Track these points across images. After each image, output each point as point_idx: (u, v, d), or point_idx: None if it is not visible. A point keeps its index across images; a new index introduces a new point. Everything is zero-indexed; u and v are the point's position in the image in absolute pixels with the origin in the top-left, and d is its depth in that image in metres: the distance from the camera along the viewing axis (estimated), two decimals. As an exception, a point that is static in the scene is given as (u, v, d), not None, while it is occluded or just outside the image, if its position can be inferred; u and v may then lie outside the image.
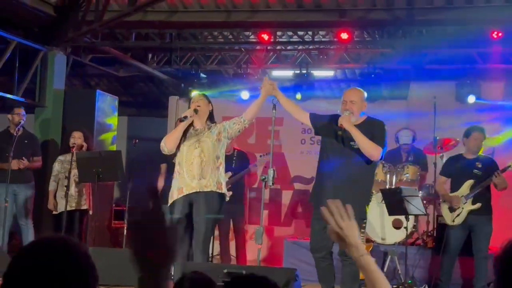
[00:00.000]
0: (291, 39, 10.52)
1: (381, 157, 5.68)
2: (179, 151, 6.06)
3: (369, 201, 5.70)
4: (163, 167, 8.96)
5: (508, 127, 9.75)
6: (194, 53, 11.22)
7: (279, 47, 10.92)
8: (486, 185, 7.19)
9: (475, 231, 7.25)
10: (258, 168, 8.95)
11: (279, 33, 10.22)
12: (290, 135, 10.62)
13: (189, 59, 11.27)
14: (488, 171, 7.20)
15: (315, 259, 5.76)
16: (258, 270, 5.49)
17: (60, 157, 8.35)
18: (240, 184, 9.14)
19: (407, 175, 8.64)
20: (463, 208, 7.22)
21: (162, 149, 6.05)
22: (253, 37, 10.39)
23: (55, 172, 8.26)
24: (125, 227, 8.43)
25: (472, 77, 10.17)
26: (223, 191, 5.99)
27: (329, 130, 5.77)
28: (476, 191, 7.19)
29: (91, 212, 8.14)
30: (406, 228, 7.90)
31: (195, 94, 6.28)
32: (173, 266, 6.03)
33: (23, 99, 9.30)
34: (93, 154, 7.99)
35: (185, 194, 5.94)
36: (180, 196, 5.96)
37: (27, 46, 9.34)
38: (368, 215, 7.99)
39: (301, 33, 10.29)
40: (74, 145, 8.00)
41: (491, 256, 6.90)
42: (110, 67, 11.53)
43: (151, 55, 11.36)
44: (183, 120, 5.98)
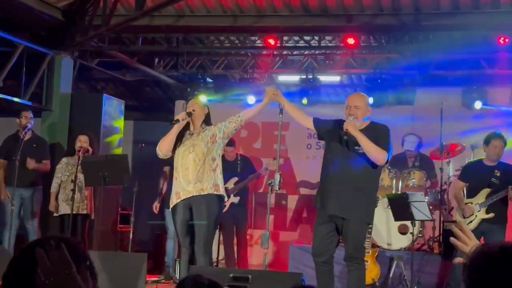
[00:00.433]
0: (298, 44, 10.53)
1: (386, 161, 5.68)
2: (175, 156, 6.08)
3: (375, 205, 5.69)
4: (167, 169, 8.97)
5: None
6: (200, 57, 11.24)
7: (285, 52, 10.94)
8: (501, 196, 7.07)
9: (487, 238, 7.21)
10: (269, 171, 8.95)
11: (285, 38, 10.24)
12: (296, 140, 10.62)
13: (195, 63, 11.29)
14: (506, 180, 7.07)
15: (316, 263, 5.77)
16: (264, 274, 5.48)
17: (64, 159, 8.35)
18: (244, 189, 9.15)
19: (413, 180, 8.63)
20: (476, 215, 7.16)
21: (158, 153, 6.07)
22: (259, 41, 10.40)
23: (58, 174, 8.25)
24: (131, 231, 8.43)
25: (478, 83, 10.17)
26: (220, 192, 5.98)
27: (333, 134, 5.78)
28: (490, 201, 7.11)
29: (92, 217, 8.15)
30: (412, 234, 7.89)
31: (191, 99, 6.31)
32: (177, 269, 6.08)
33: (30, 103, 9.32)
34: (99, 158, 7.99)
35: (183, 198, 5.95)
36: (179, 201, 5.98)
37: (34, 50, 9.36)
38: (374, 220, 8.05)
39: (307, 38, 10.30)
40: (80, 149, 8.00)
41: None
42: (117, 71, 11.55)
43: (157, 60, 11.40)
44: (175, 123, 5.99)
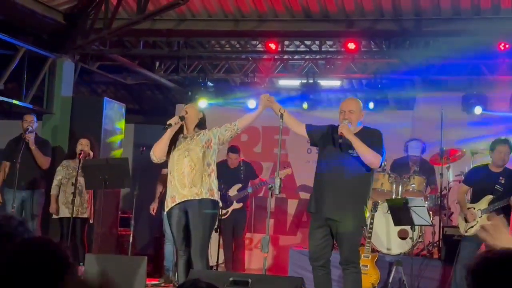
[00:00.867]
0: (298, 49, 10.56)
1: (380, 164, 5.75)
2: (169, 160, 6.10)
3: (366, 206, 5.78)
4: (165, 172, 8.99)
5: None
6: (201, 61, 11.27)
7: (286, 57, 10.96)
8: (503, 204, 7.05)
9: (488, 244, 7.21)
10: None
11: (286, 42, 10.27)
12: (296, 144, 10.61)
13: (196, 67, 11.31)
14: (510, 187, 7.06)
15: (314, 267, 5.81)
16: (264, 278, 5.49)
17: (65, 162, 8.37)
18: (244, 193, 9.18)
19: (413, 185, 8.64)
20: (477, 221, 7.15)
21: (152, 158, 6.10)
22: (260, 46, 10.43)
23: (58, 177, 8.27)
24: (131, 234, 8.44)
25: (479, 88, 10.19)
26: (215, 197, 6.01)
27: (326, 139, 5.84)
28: (492, 209, 7.09)
29: (91, 221, 8.16)
30: (411, 239, 7.91)
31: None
32: (176, 273, 6.09)
33: (31, 106, 9.33)
34: (100, 161, 8.01)
35: (178, 202, 5.98)
36: (174, 205, 6.01)
37: (35, 53, 9.38)
38: (374, 225, 8.08)
39: (308, 42, 10.33)
40: (81, 152, 8.02)
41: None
42: (118, 74, 11.58)
43: (158, 63, 11.42)
44: (167, 128, 6.00)
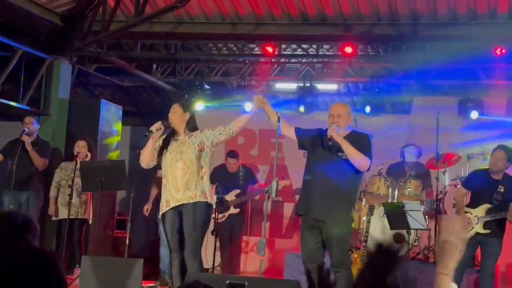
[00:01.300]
0: (295, 52, 10.57)
1: (369, 167, 5.81)
2: (163, 163, 6.11)
3: (354, 208, 5.84)
4: (160, 173, 8.99)
5: (511, 143, 9.76)
6: (198, 64, 11.28)
7: (283, 60, 10.97)
8: (500, 217, 7.04)
9: (483, 248, 7.23)
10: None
11: (283, 46, 10.29)
12: (293, 147, 10.51)
13: (193, 70, 11.33)
14: (508, 198, 7.02)
15: (307, 269, 5.86)
16: (260, 281, 5.50)
17: (63, 164, 8.38)
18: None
19: (409, 189, 8.66)
20: (473, 227, 7.15)
21: (141, 164, 6.13)
22: (257, 49, 10.45)
23: (57, 179, 8.28)
24: (127, 236, 8.44)
25: (475, 93, 10.22)
26: (208, 199, 6.01)
27: (316, 142, 5.91)
28: (489, 219, 7.09)
29: (90, 221, 8.15)
30: (407, 243, 7.92)
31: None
32: (173, 274, 6.09)
33: (28, 108, 9.34)
34: (97, 163, 8.01)
35: (172, 206, 6.00)
36: (168, 209, 6.02)
37: (33, 54, 9.38)
38: (370, 229, 8.09)
39: (305, 46, 10.35)
40: (78, 154, 8.02)
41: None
42: (115, 77, 11.58)
43: (155, 66, 11.43)
44: (148, 136, 6.00)
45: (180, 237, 6.00)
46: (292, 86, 11.25)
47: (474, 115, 10.07)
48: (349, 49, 9.44)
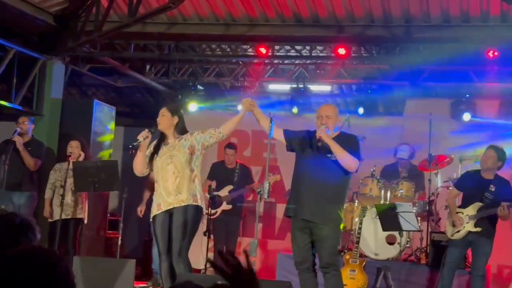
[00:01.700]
0: (289, 53, 10.58)
1: (357, 168, 5.83)
2: (154, 168, 6.13)
3: (343, 209, 5.87)
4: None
5: (503, 145, 9.78)
6: (192, 65, 11.28)
7: (276, 61, 10.98)
8: (491, 213, 7.07)
9: (474, 248, 7.25)
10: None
11: (276, 47, 10.29)
12: (285, 148, 10.63)
13: (186, 71, 11.32)
14: (499, 196, 7.05)
15: (299, 271, 5.90)
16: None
17: (57, 165, 8.35)
18: (239, 198, 9.17)
19: (401, 191, 8.69)
20: (464, 226, 7.19)
21: (135, 172, 6.15)
22: (250, 50, 10.45)
23: (51, 180, 8.25)
24: (119, 237, 8.43)
25: (467, 95, 10.25)
26: (198, 203, 6.02)
27: (304, 144, 5.94)
28: (480, 216, 7.11)
29: (86, 221, 8.12)
30: (399, 244, 7.95)
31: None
32: (162, 276, 6.09)
33: (20, 107, 9.31)
34: (89, 164, 7.99)
35: (163, 210, 6.02)
36: (159, 212, 6.04)
37: (25, 54, 9.35)
38: (362, 230, 8.11)
39: (298, 47, 10.35)
40: (71, 154, 8.01)
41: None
42: (108, 77, 11.56)
43: (149, 66, 11.42)
44: (136, 147, 5.99)
45: (170, 240, 6.01)
46: (285, 87, 11.26)
47: (467, 117, 10.11)
48: (342, 51, 9.46)
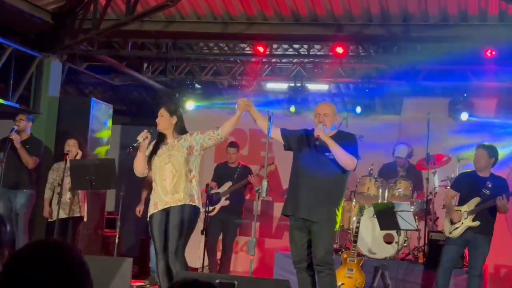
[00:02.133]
0: (287, 52, 10.57)
1: (355, 167, 5.82)
2: (152, 167, 6.14)
3: (340, 207, 5.86)
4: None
5: (500, 144, 9.79)
6: (189, 63, 11.26)
7: (274, 60, 10.97)
8: (490, 205, 7.08)
9: (471, 248, 7.26)
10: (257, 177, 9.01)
11: (274, 45, 10.28)
12: (283, 148, 10.62)
13: (184, 69, 11.30)
14: (497, 192, 7.08)
15: (298, 270, 5.91)
16: (250, 281, 5.50)
17: (55, 165, 8.33)
18: (239, 198, 9.14)
19: (399, 190, 8.68)
20: (462, 222, 7.20)
21: (135, 173, 6.19)
22: (248, 49, 10.44)
23: (50, 180, 8.22)
24: (116, 235, 8.41)
25: (465, 94, 10.25)
26: (195, 203, 6.04)
27: (302, 142, 5.94)
28: (479, 209, 7.13)
29: (85, 219, 8.10)
30: (397, 243, 7.94)
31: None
32: (159, 274, 6.09)
33: (17, 105, 9.29)
34: (86, 162, 7.97)
35: (160, 209, 6.04)
36: (156, 211, 6.06)
37: (23, 52, 9.33)
38: (359, 229, 8.11)
39: (296, 46, 10.34)
40: (68, 153, 7.99)
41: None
42: (105, 75, 11.54)
43: (146, 65, 11.40)
44: (136, 148, 6.02)
45: (166, 239, 6.02)
46: (283, 86, 11.25)
47: (464, 116, 10.11)
48: (340, 50, 9.45)
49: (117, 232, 8.41)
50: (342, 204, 6.00)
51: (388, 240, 8.36)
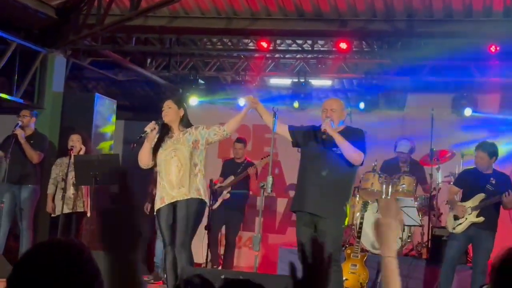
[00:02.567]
0: (290, 48, 10.56)
1: (362, 162, 5.85)
2: (157, 161, 6.15)
3: (348, 203, 5.89)
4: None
5: (504, 140, 9.78)
6: (193, 59, 11.26)
7: (277, 55, 10.97)
8: (495, 201, 7.10)
9: (475, 244, 7.26)
10: (258, 169, 9.04)
11: (278, 41, 10.27)
12: (286, 143, 10.52)
13: (187, 64, 11.30)
14: (501, 188, 7.11)
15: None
16: (255, 277, 5.50)
17: (58, 160, 8.35)
18: (241, 193, 9.14)
19: (403, 185, 8.68)
20: (466, 218, 7.21)
21: (140, 164, 6.19)
22: (252, 44, 10.44)
23: (53, 175, 8.24)
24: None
25: (469, 90, 10.24)
26: (202, 197, 6.07)
27: (309, 138, 5.96)
28: (483, 205, 7.14)
29: (89, 214, 8.11)
30: (401, 239, 7.95)
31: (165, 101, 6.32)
32: (166, 268, 6.11)
33: (21, 101, 9.29)
34: (90, 157, 7.99)
35: (167, 203, 6.06)
36: (163, 205, 6.08)
37: (27, 47, 9.33)
38: (363, 225, 8.12)
39: (300, 41, 10.33)
40: (72, 148, 8.00)
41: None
42: (109, 70, 11.55)
43: (150, 60, 11.40)
44: (143, 137, 6.03)
45: (173, 232, 6.04)
46: (286, 81, 11.25)
47: (468, 112, 10.10)
48: (344, 45, 9.44)
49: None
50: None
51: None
